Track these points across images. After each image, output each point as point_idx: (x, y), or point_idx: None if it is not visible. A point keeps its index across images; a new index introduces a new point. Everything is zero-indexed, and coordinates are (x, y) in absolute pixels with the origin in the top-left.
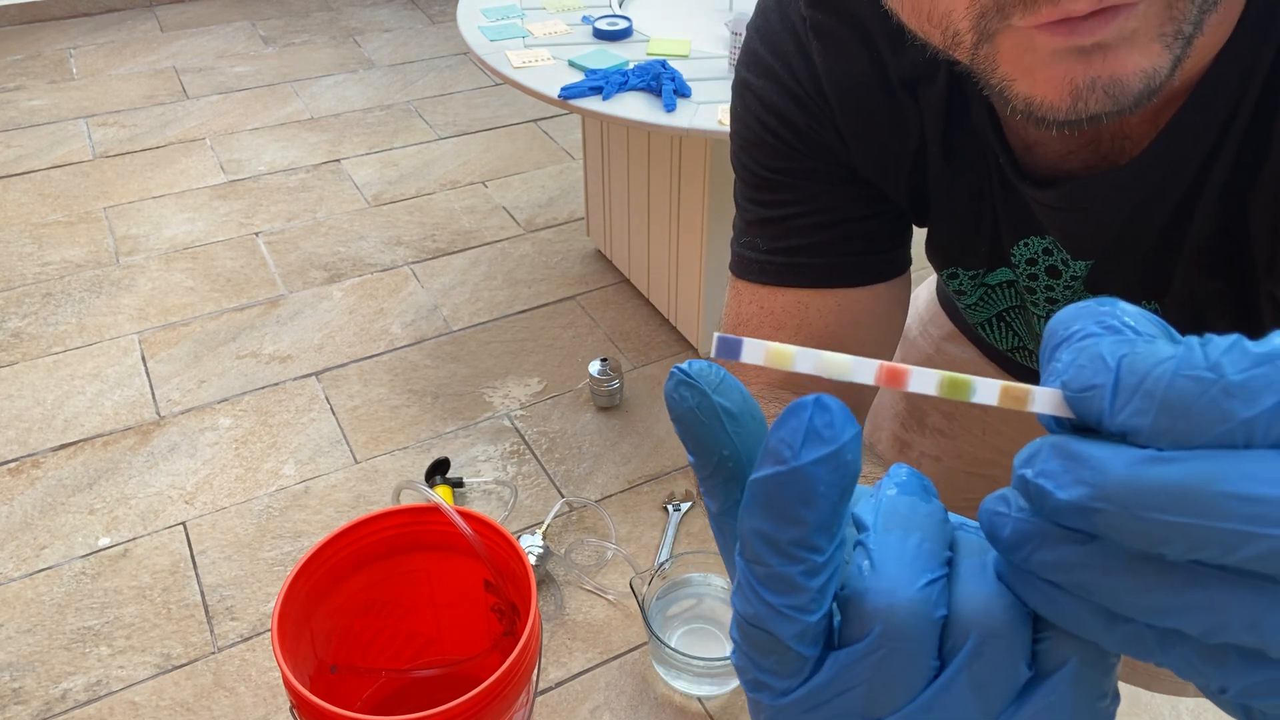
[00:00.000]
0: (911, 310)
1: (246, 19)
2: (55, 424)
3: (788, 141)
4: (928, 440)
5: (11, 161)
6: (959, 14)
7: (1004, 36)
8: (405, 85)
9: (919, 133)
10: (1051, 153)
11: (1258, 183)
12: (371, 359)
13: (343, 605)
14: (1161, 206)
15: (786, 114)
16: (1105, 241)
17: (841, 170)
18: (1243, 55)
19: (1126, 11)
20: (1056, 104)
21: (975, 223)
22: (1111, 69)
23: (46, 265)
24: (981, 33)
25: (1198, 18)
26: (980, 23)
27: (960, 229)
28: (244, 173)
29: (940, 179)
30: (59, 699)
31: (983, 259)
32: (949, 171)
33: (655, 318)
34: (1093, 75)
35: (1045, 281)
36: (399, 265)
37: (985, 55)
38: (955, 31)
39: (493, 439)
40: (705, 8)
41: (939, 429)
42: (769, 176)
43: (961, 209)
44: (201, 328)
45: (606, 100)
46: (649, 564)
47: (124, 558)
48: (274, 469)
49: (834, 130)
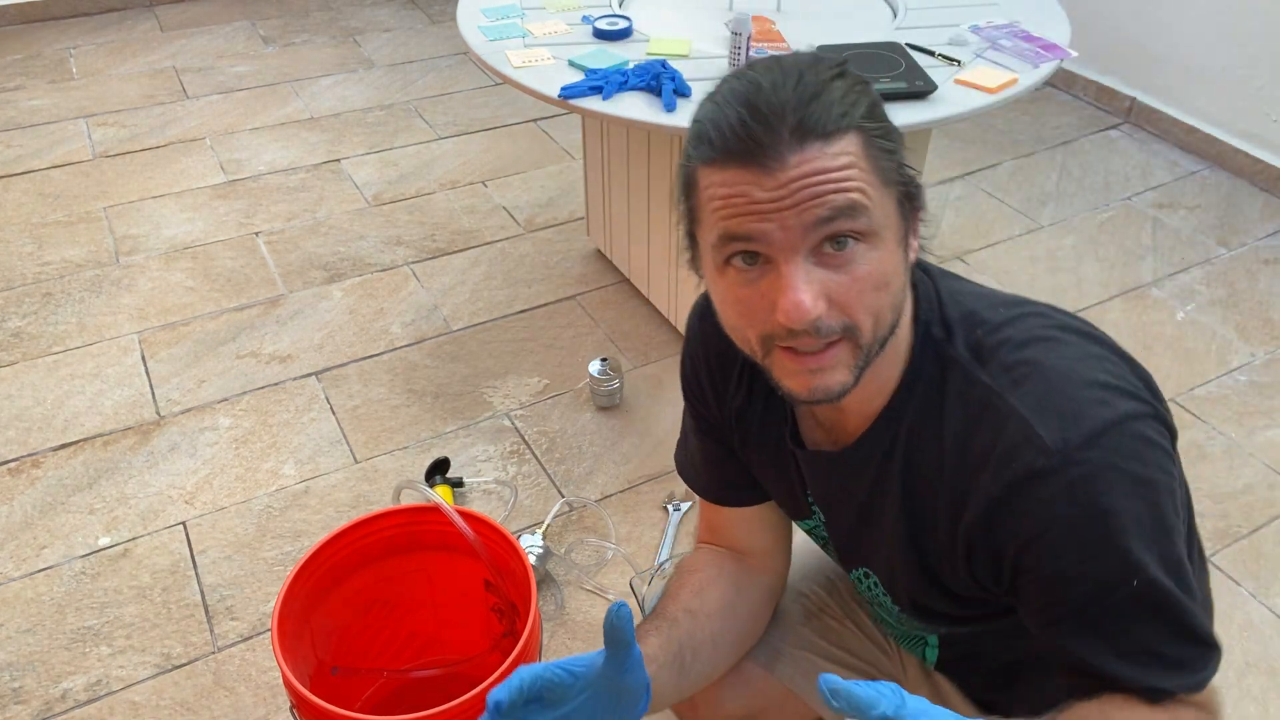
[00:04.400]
0: None
1: (246, 19)
2: (55, 424)
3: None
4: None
5: (11, 161)
6: (754, 341)
7: (775, 354)
8: (405, 85)
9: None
10: (811, 435)
11: (917, 490)
12: (371, 359)
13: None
14: (859, 483)
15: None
16: (834, 498)
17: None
18: (892, 416)
19: (831, 354)
20: (799, 393)
21: (784, 471)
22: (825, 381)
23: (46, 265)
24: (765, 350)
25: (866, 361)
26: (764, 345)
27: (774, 475)
28: (244, 173)
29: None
30: (59, 699)
31: (792, 509)
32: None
33: (655, 317)
34: (816, 384)
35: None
36: (399, 265)
37: (767, 363)
38: (753, 349)
39: (493, 439)
40: (705, 8)
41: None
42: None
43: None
44: (201, 328)
45: (606, 100)
46: (649, 564)
47: (124, 557)
48: (274, 469)
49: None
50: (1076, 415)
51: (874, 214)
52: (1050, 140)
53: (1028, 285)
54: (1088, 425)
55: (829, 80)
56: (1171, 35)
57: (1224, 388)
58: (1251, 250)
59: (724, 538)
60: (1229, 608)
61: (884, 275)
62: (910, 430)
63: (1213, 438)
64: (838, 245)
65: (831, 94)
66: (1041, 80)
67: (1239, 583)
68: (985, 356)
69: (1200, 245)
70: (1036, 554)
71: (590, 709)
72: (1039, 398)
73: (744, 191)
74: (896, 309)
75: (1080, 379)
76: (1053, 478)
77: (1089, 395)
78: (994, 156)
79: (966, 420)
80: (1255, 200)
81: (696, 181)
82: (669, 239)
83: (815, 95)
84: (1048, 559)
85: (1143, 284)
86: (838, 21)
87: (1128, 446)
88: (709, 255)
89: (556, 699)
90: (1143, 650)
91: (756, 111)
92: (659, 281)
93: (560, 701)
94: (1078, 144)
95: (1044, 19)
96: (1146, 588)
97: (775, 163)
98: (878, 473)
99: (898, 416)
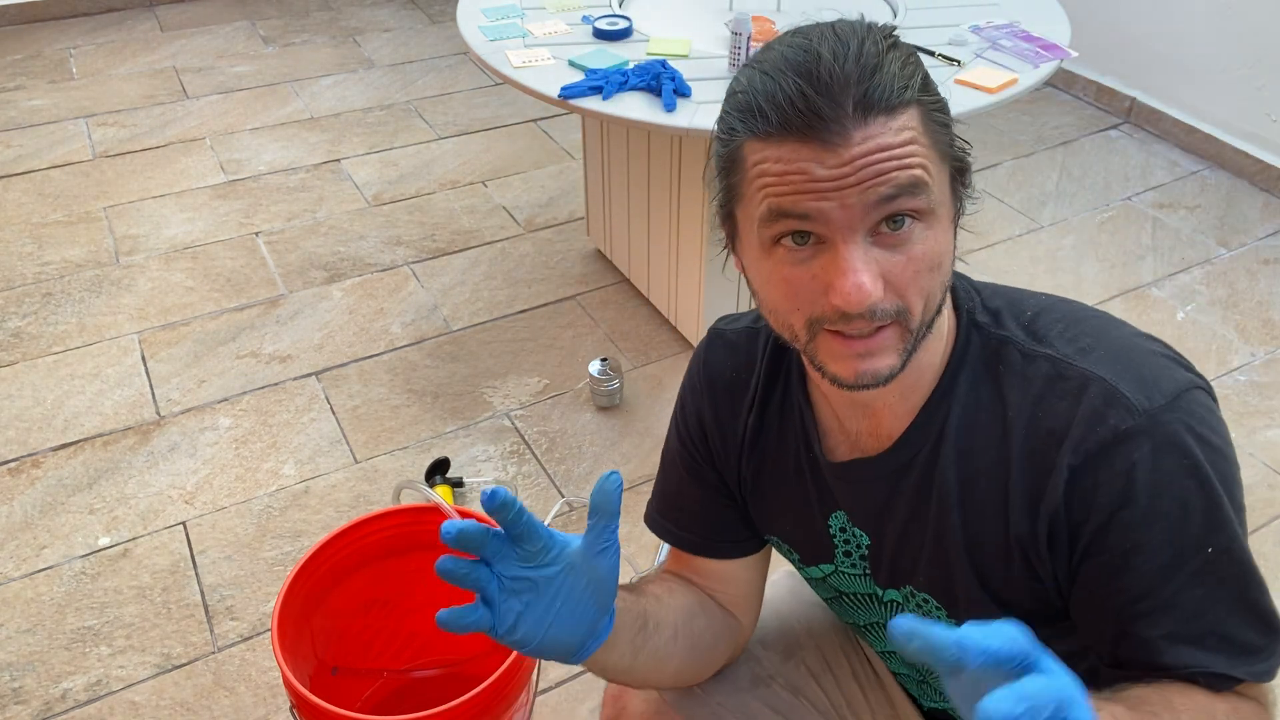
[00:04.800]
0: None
1: (246, 19)
2: (55, 424)
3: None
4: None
5: (11, 161)
6: (799, 324)
7: (821, 338)
8: (405, 85)
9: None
10: (836, 450)
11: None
12: (371, 359)
13: (343, 605)
14: (903, 488)
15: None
16: (875, 510)
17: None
18: (936, 409)
19: (881, 337)
20: (846, 378)
21: (799, 494)
22: (873, 365)
23: (46, 265)
24: (810, 334)
25: (915, 346)
26: (810, 329)
27: (789, 503)
28: (244, 173)
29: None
30: (59, 699)
31: (811, 550)
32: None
33: (655, 317)
34: (864, 368)
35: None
36: (399, 265)
37: (811, 348)
38: (795, 333)
39: (493, 439)
40: (705, 8)
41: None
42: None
43: (786, 484)
44: (201, 328)
45: (606, 100)
46: (649, 564)
47: (124, 558)
48: (274, 469)
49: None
50: (1154, 379)
51: (933, 191)
52: (1050, 140)
53: (1027, 285)
54: (1167, 388)
55: (886, 51)
56: (1171, 35)
57: (1224, 388)
58: (1251, 250)
59: (696, 580)
60: None
61: (938, 255)
62: (961, 420)
63: None
64: (894, 225)
65: (892, 65)
66: (1041, 80)
67: None
68: (1041, 334)
69: (1200, 245)
70: (1120, 523)
71: (559, 585)
72: (1113, 363)
73: (803, 168)
74: (945, 291)
75: (1142, 349)
76: (1142, 438)
77: (1158, 363)
78: (994, 156)
79: (1033, 394)
80: (1255, 200)
81: (743, 157)
82: (669, 239)
83: (877, 67)
84: (1132, 527)
85: (1143, 284)
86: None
87: (1200, 412)
88: (753, 234)
89: (532, 554)
90: (1210, 632)
91: (818, 82)
92: (659, 281)
93: (533, 558)
94: (1078, 144)
95: (1044, 19)
96: (1223, 554)
97: (839, 138)
98: (924, 472)
99: (943, 409)
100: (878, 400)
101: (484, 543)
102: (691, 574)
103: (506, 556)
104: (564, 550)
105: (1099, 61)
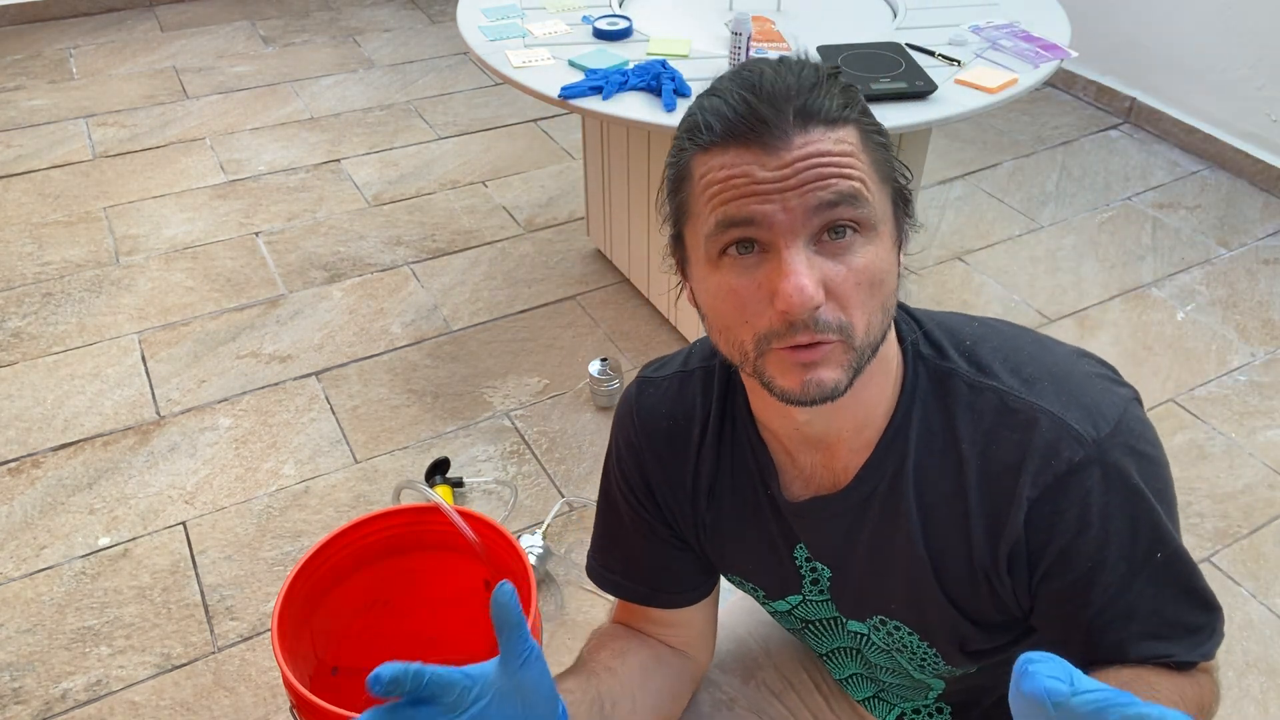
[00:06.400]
0: None
1: (246, 19)
2: (55, 424)
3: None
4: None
5: (11, 161)
6: (748, 341)
7: (770, 355)
8: (405, 85)
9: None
10: (793, 491)
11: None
12: (371, 359)
13: (343, 605)
14: (864, 522)
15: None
16: (835, 544)
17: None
18: (892, 443)
19: (823, 349)
20: (794, 391)
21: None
22: (819, 375)
23: (46, 265)
24: (759, 352)
25: (859, 366)
26: (759, 346)
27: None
28: (244, 173)
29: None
30: (59, 699)
31: (777, 585)
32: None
33: (655, 317)
34: (810, 377)
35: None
36: (399, 265)
37: (760, 365)
38: (745, 351)
39: (493, 439)
40: (705, 8)
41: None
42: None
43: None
44: (201, 328)
45: (606, 100)
46: None
47: (124, 558)
48: (274, 469)
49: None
50: (1096, 406)
51: (874, 206)
52: (1050, 140)
53: (1028, 285)
54: (1108, 413)
55: (827, 77)
56: (1171, 35)
57: (1224, 388)
58: (1251, 250)
59: (647, 628)
60: (1229, 608)
61: (880, 271)
62: (918, 452)
63: (1213, 438)
64: (836, 234)
65: (833, 89)
66: (1041, 80)
67: (1239, 583)
68: (983, 365)
69: (1200, 245)
70: (1080, 546)
71: (492, 715)
72: (1057, 394)
73: (746, 171)
74: (887, 314)
75: (1080, 373)
76: (1093, 468)
77: (1096, 386)
78: (994, 156)
79: (984, 428)
80: (1255, 200)
81: (690, 172)
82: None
83: (817, 85)
84: (1091, 548)
85: (1143, 284)
86: (838, 21)
87: (1137, 428)
88: (701, 251)
89: (452, 704)
90: (1167, 623)
91: (761, 92)
92: (659, 281)
93: (456, 707)
94: (1078, 144)
95: (1044, 19)
96: (1171, 557)
97: (780, 142)
98: (885, 505)
99: (899, 442)
100: (831, 435)
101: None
102: (642, 623)
103: (433, 716)
104: (484, 682)
105: (1099, 61)
